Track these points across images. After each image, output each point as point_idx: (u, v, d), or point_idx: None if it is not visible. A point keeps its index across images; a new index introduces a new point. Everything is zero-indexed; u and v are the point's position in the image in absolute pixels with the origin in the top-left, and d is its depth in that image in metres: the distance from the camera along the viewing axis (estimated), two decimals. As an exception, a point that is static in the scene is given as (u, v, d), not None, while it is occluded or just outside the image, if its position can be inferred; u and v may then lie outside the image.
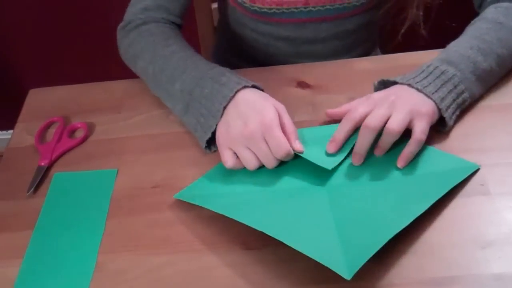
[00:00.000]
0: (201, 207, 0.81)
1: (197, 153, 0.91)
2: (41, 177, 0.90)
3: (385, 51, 1.28)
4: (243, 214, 0.78)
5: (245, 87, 0.88)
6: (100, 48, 1.87)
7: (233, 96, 0.86)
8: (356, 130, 0.85)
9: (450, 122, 0.86)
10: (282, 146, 0.81)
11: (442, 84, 0.86)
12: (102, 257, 0.79)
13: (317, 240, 0.74)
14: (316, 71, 1.03)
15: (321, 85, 1.00)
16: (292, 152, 0.83)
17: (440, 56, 0.90)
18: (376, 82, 0.91)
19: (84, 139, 0.96)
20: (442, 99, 0.85)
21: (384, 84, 0.90)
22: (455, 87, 0.86)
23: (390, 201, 0.78)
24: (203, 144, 0.89)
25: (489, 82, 0.92)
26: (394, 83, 0.88)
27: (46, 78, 1.29)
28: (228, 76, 0.90)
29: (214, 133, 0.88)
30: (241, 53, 1.22)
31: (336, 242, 0.72)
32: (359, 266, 0.68)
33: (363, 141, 0.82)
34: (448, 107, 0.86)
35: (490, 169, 0.83)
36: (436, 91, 0.85)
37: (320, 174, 0.84)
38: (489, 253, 0.73)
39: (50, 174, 0.91)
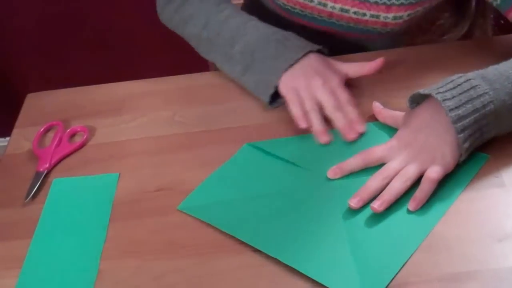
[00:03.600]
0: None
1: (202, 154, 0.89)
2: (40, 183, 0.88)
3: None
4: (252, 236, 0.76)
5: (310, 51, 0.93)
6: (100, 51, 1.85)
7: (299, 59, 0.91)
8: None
9: (464, 156, 0.79)
10: (352, 103, 0.89)
11: (468, 100, 0.76)
12: (104, 264, 0.76)
13: (332, 265, 0.71)
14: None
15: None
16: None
17: (476, 71, 0.81)
18: (408, 103, 0.85)
19: (84, 143, 0.94)
20: (464, 128, 0.76)
21: (416, 100, 0.84)
22: (483, 106, 0.76)
23: (406, 213, 0.76)
24: (267, 98, 0.92)
25: None
26: (424, 96, 0.82)
27: (44, 83, 1.28)
28: (293, 40, 0.94)
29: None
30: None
31: (352, 268, 0.71)
32: None
33: (369, 186, 0.78)
34: (466, 132, 0.77)
35: (505, 161, 0.81)
36: (461, 115, 0.76)
37: (331, 194, 0.80)
38: (507, 246, 0.71)
39: (49, 180, 0.89)
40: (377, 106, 0.89)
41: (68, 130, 0.96)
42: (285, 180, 0.83)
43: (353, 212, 0.77)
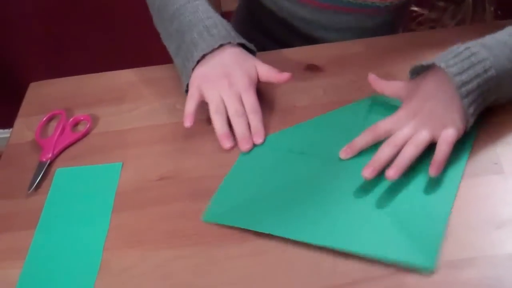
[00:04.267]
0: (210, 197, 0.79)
1: (205, 143, 0.88)
2: (43, 173, 0.87)
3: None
4: (290, 229, 0.74)
5: (230, 43, 0.90)
6: (102, 38, 1.84)
7: (217, 49, 0.89)
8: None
9: (470, 123, 0.79)
10: (257, 110, 0.87)
11: (470, 67, 0.77)
12: (107, 254, 0.76)
13: (380, 239, 0.72)
14: (325, 54, 1.00)
15: (331, 68, 0.98)
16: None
17: (474, 40, 0.82)
18: (409, 74, 0.85)
19: (87, 132, 0.93)
20: (468, 93, 0.77)
21: (416, 72, 0.85)
22: (485, 71, 0.77)
23: (427, 178, 0.77)
24: (184, 88, 0.91)
25: None
26: (427, 67, 0.83)
27: (46, 72, 1.27)
28: (220, 29, 0.91)
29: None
30: (259, 24, 1.20)
31: (401, 235, 0.71)
32: (437, 250, 0.69)
33: (380, 155, 0.78)
34: (470, 97, 0.77)
35: (503, 147, 0.80)
36: (464, 80, 0.77)
37: (348, 173, 0.80)
38: (504, 233, 0.71)
39: (52, 170, 0.88)
40: (373, 77, 0.87)
41: (71, 119, 0.95)
42: (301, 170, 0.82)
43: (375, 185, 0.77)
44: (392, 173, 0.75)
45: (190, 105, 0.88)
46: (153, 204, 0.81)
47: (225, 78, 0.89)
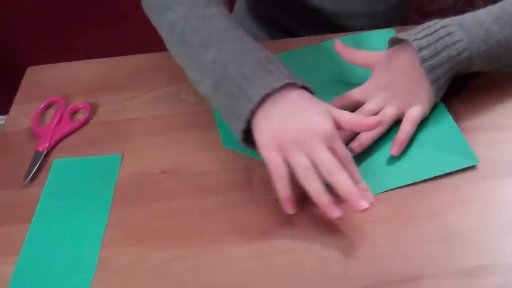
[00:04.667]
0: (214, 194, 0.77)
1: (209, 135, 0.86)
2: (39, 163, 0.85)
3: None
4: None
5: (295, 84, 0.74)
6: (104, 22, 1.81)
7: (279, 89, 0.72)
8: None
9: (437, 100, 0.83)
10: (348, 159, 0.70)
11: (443, 48, 0.79)
12: (105, 251, 0.74)
13: (421, 163, 0.78)
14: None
15: None
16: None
17: (454, 17, 0.82)
18: (387, 45, 0.86)
19: (86, 121, 0.91)
20: (438, 77, 0.79)
21: (393, 43, 0.85)
22: (458, 54, 0.79)
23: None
24: (239, 136, 0.74)
25: (506, 56, 0.82)
26: (399, 41, 0.84)
27: (45, 56, 1.25)
28: (278, 65, 0.75)
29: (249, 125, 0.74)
30: (264, 13, 1.16)
31: (435, 152, 0.78)
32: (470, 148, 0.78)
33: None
34: (440, 82, 0.80)
35: None
36: (435, 64, 0.79)
37: None
38: None
39: (49, 160, 0.86)
40: (340, 45, 0.86)
41: (69, 107, 0.92)
42: None
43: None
44: (355, 147, 0.78)
45: (284, 187, 0.70)
46: (154, 199, 0.79)
47: (306, 126, 0.71)
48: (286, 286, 0.68)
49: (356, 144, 0.78)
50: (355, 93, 0.83)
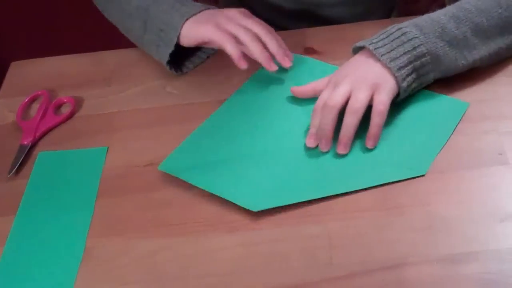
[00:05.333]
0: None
1: (194, 127, 0.85)
2: (24, 156, 0.85)
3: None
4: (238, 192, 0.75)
5: (209, 9, 0.90)
6: (90, 15, 1.79)
7: (197, 14, 0.88)
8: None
9: (403, 94, 0.82)
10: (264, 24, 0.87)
11: (399, 45, 0.81)
12: (90, 242, 0.74)
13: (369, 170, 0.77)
14: (323, 36, 0.98)
15: (329, 51, 0.95)
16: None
17: (410, 20, 0.85)
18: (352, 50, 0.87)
19: (71, 115, 0.91)
20: (400, 67, 0.80)
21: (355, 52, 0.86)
22: (414, 48, 0.80)
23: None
24: (166, 60, 0.89)
25: (469, 52, 0.83)
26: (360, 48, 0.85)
27: (29, 50, 1.24)
28: (190, 1, 0.91)
29: (178, 48, 0.88)
30: (246, 7, 1.14)
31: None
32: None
33: (324, 121, 0.79)
34: (403, 71, 0.80)
35: (508, 137, 0.79)
36: (393, 57, 0.80)
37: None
38: (509, 227, 0.69)
39: (34, 153, 0.86)
40: (296, 89, 0.87)
41: (54, 101, 0.92)
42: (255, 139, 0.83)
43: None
44: (341, 151, 0.79)
45: (235, 47, 0.85)
46: (139, 190, 0.79)
47: (230, 11, 0.89)
48: (272, 274, 0.68)
49: (340, 147, 0.79)
50: (320, 83, 0.84)
